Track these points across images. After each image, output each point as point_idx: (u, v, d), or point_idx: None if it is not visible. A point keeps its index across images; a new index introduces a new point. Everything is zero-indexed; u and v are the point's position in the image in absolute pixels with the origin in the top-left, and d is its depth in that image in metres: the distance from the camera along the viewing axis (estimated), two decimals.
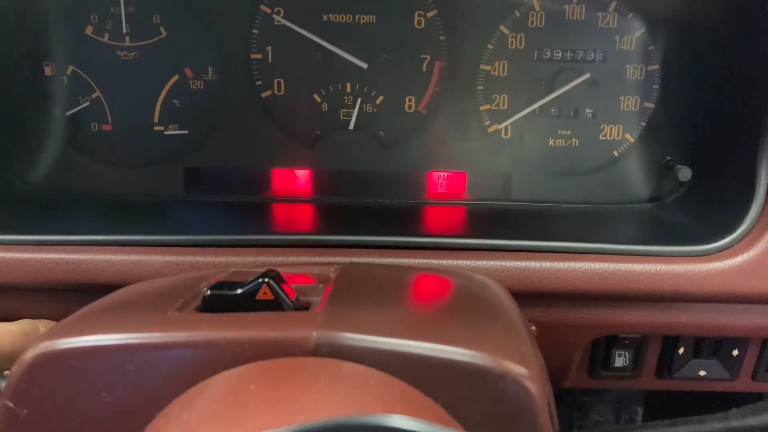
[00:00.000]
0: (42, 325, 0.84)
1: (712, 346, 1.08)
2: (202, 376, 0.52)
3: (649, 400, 1.61)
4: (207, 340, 0.53)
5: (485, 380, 0.51)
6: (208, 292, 0.60)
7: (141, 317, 0.59)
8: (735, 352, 1.08)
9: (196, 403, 0.50)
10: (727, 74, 1.07)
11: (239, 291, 0.60)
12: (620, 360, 1.09)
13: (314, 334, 0.52)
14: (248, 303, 0.59)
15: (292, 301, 0.60)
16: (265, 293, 0.60)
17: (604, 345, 1.08)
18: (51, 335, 0.56)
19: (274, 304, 0.59)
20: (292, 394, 0.46)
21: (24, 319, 0.84)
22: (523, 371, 0.52)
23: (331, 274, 0.72)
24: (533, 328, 0.71)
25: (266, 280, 0.60)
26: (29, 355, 0.55)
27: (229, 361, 0.52)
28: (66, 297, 0.95)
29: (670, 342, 1.07)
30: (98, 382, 0.54)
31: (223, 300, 0.60)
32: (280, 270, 0.67)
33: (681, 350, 1.08)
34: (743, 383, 1.11)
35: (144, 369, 0.54)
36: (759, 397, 1.26)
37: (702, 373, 1.09)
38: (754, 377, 1.11)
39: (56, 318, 0.81)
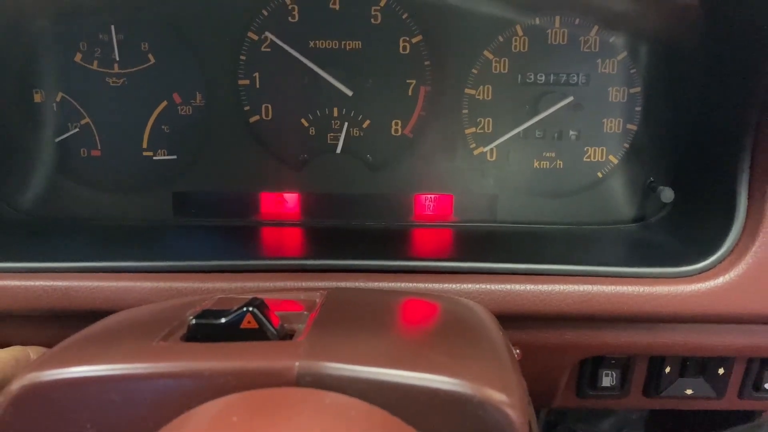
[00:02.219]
0: (33, 352, 0.84)
1: (697, 365, 1.09)
2: (186, 407, 0.53)
3: (650, 429, 1.60)
4: (190, 371, 0.54)
5: (466, 408, 0.52)
6: (193, 321, 0.61)
7: (126, 347, 0.59)
8: (720, 371, 1.08)
9: None
10: (707, 97, 1.09)
11: (223, 320, 0.60)
12: (607, 380, 1.10)
13: (296, 364, 0.53)
14: (233, 332, 0.59)
15: (276, 329, 0.61)
16: (249, 322, 0.60)
17: (592, 365, 1.09)
18: (36, 366, 0.56)
19: (259, 333, 0.60)
20: (274, 424, 0.47)
21: (15, 345, 0.84)
22: (504, 398, 0.53)
23: (317, 300, 0.73)
24: (517, 351, 0.71)
25: (250, 309, 0.60)
26: (15, 386, 0.55)
27: (212, 391, 0.53)
28: (57, 323, 0.95)
29: (657, 361, 1.08)
30: (83, 414, 0.54)
31: (207, 329, 0.60)
32: (268, 296, 0.67)
33: (667, 369, 1.08)
34: (730, 401, 1.12)
35: (128, 400, 0.54)
36: (747, 415, 1.27)
37: (689, 391, 1.10)
38: (740, 395, 1.11)
39: (48, 344, 0.81)
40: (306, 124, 1.23)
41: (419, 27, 1.18)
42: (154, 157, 1.24)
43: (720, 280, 0.93)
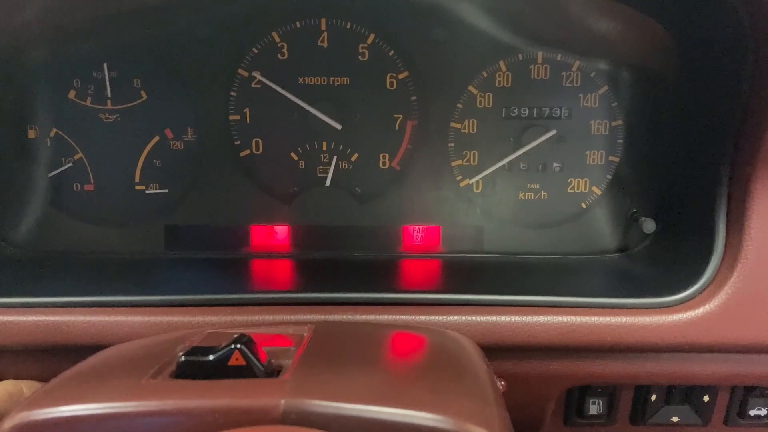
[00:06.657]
0: (26, 386, 0.84)
1: (682, 392, 1.10)
2: None
3: None
4: (179, 409, 0.55)
5: None
6: (183, 358, 0.62)
7: (116, 385, 0.61)
8: (705, 398, 1.10)
9: None
10: (686, 130, 1.12)
11: (212, 357, 0.62)
12: (594, 408, 1.11)
13: (282, 401, 0.54)
14: (221, 369, 0.61)
15: (263, 366, 0.62)
16: (237, 359, 0.61)
17: (578, 393, 1.10)
18: (28, 405, 0.58)
19: (247, 370, 0.61)
20: None
21: (7, 380, 0.85)
22: None
23: (305, 334, 0.74)
24: (502, 383, 0.73)
25: (238, 346, 0.62)
26: (6, 425, 0.56)
27: (201, 429, 0.54)
28: (49, 357, 0.96)
29: (643, 389, 1.10)
30: None
31: (196, 366, 0.62)
32: (256, 330, 0.69)
33: (653, 397, 1.10)
34: (716, 429, 1.13)
35: None
36: None
37: (675, 419, 1.11)
38: (726, 422, 1.12)
39: (41, 378, 0.82)
40: (295, 158, 1.25)
41: (405, 63, 1.21)
42: (146, 191, 1.25)
43: (700, 311, 0.95)
